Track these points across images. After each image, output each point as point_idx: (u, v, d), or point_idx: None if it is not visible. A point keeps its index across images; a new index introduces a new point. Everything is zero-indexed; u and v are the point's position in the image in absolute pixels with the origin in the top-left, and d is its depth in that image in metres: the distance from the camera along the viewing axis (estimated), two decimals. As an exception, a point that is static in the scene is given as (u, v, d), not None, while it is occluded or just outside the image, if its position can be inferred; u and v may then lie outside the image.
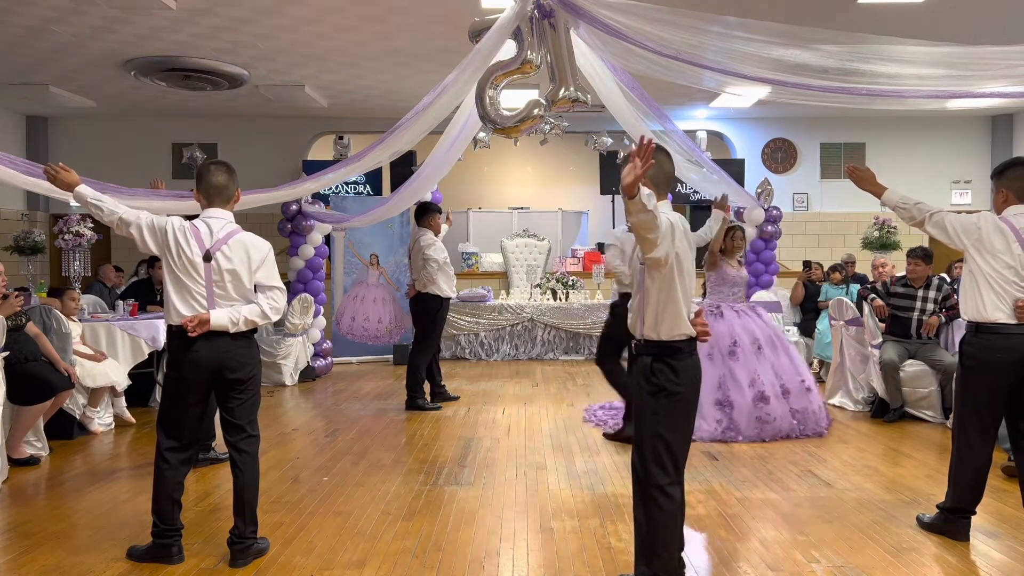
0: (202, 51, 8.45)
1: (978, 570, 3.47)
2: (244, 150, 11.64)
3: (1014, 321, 3.64)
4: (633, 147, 2.75)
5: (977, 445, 3.78)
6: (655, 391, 3.01)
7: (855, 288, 8.51)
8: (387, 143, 5.51)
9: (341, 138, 10.78)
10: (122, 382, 6.34)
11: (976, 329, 3.75)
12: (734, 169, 10.64)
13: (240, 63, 8.88)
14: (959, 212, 3.89)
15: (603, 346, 6.19)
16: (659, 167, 3.12)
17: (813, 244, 12.32)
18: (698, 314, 3.07)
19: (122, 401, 6.52)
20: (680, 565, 3.10)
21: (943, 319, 6.60)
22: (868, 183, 4.02)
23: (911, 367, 6.50)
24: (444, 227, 7.61)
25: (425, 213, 7.29)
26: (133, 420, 6.55)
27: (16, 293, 5.21)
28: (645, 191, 2.76)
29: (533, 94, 5.20)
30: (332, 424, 6.60)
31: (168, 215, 3.69)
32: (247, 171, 4.34)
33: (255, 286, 3.64)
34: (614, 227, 10.75)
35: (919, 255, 6.57)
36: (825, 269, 9.50)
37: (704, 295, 6.39)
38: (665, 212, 3.04)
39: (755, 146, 12.46)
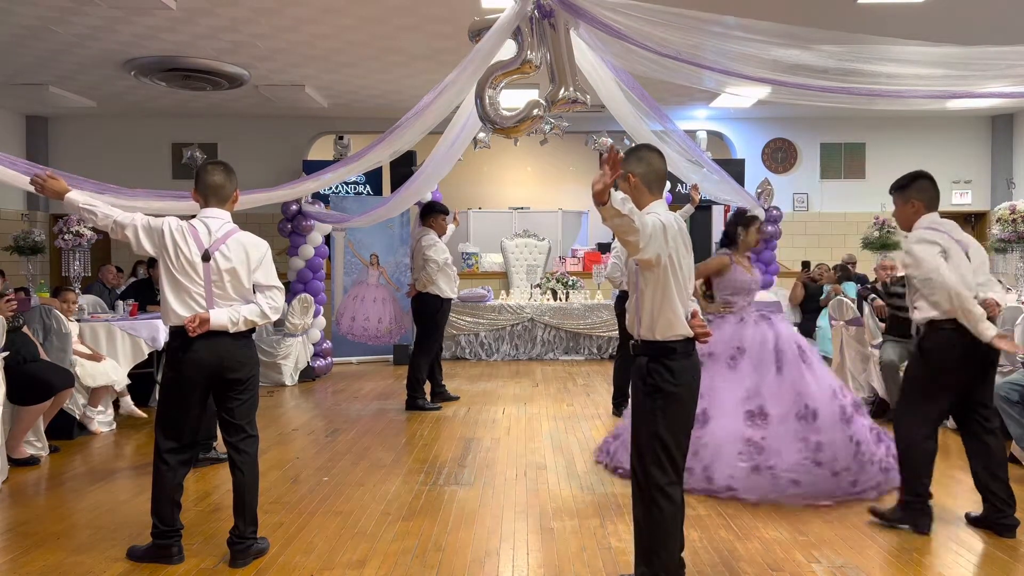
0: (202, 51, 8.45)
1: (978, 570, 3.47)
2: (244, 150, 11.65)
3: None
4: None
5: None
6: (652, 391, 3.01)
7: (850, 286, 8.60)
8: (387, 143, 5.50)
9: (341, 138, 10.78)
10: (121, 382, 6.35)
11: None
12: (734, 169, 10.64)
13: (240, 63, 8.89)
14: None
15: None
16: (649, 166, 3.12)
17: (813, 244, 12.32)
18: (694, 315, 3.07)
19: (128, 399, 6.62)
20: (680, 565, 3.10)
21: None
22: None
23: (911, 367, 6.49)
24: (450, 227, 7.55)
25: (430, 213, 7.24)
26: (144, 415, 6.66)
27: (9, 295, 5.21)
28: (618, 196, 2.80)
29: (533, 94, 5.20)
30: (332, 424, 6.60)
31: (160, 215, 3.67)
32: (247, 171, 4.34)
33: (254, 286, 3.63)
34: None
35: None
36: (830, 267, 9.49)
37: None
38: (658, 212, 3.04)
39: (755, 146, 12.47)
